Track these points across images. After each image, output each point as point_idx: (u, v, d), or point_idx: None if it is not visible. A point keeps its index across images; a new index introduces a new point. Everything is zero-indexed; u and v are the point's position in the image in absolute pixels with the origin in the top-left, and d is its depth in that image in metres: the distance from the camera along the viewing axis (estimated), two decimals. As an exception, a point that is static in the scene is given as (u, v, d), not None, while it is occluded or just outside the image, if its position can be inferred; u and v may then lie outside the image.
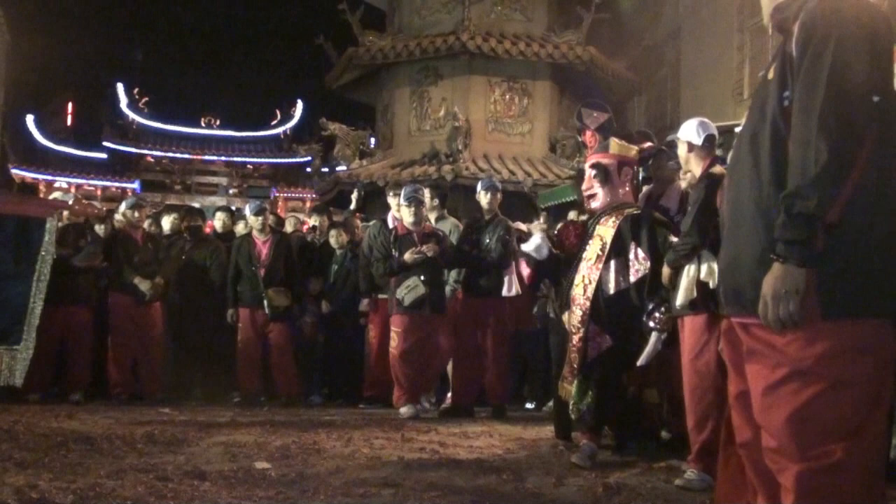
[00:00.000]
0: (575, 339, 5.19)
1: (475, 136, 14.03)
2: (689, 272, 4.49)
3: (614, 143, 5.45)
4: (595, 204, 5.37)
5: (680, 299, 4.55)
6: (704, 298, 4.41)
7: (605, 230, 5.21)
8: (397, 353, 7.51)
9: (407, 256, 7.43)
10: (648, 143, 5.70)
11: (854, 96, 2.23)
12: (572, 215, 7.46)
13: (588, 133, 5.68)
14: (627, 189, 5.41)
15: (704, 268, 4.41)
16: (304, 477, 4.38)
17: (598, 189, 5.33)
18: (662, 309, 4.95)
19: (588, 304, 5.11)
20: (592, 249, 5.23)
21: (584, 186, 5.48)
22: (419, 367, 7.54)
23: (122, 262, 8.43)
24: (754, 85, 12.55)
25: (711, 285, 4.30)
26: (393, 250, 7.60)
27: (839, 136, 2.20)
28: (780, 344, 2.30)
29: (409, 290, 7.41)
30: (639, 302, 5.04)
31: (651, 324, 4.96)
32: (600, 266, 5.14)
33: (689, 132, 4.76)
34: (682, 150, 4.82)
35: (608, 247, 5.15)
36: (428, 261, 7.45)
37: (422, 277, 7.41)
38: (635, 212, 5.29)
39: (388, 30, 15.48)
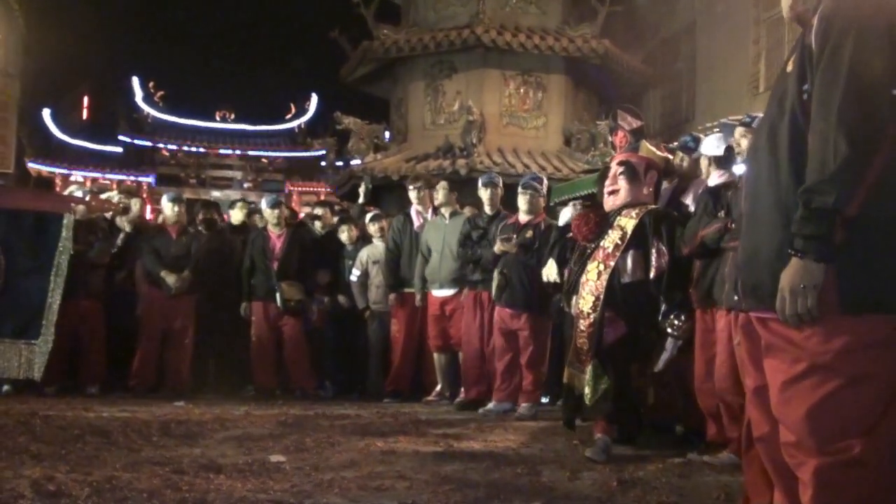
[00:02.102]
0: (583, 324, 5.16)
1: (489, 130, 14.02)
2: None
3: (645, 147, 5.46)
4: (616, 201, 5.33)
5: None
6: None
7: (628, 221, 5.19)
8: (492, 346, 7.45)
9: (496, 247, 7.30)
10: (673, 160, 5.77)
11: (874, 90, 2.20)
12: (574, 208, 7.29)
13: (620, 134, 5.65)
14: (649, 193, 5.38)
15: None
16: (319, 470, 4.40)
17: (622, 185, 5.30)
18: (683, 317, 4.94)
19: (603, 289, 5.08)
20: (611, 238, 5.20)
21: (607, 183, 5.45)
22: (504, 363, 7.31)
23: (153, 255, 8.52)
24: (770, 78, 12.49)
25: None
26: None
27: (858, 131, 2.17)
28: (799, 339, 2.28)
29: (494, 281, 7.32)
30: (657, 294, 5.04)
31: (669, 330, 4.95)
32: (618, 254, 5.12)
33: None
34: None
35: (629, 236, 5.13)
36: (509, 254, 7.21)
37: (501, 270, 7.23)
38: (659, 208, 5.31)
39: (403, 23, 15.45)
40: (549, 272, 6.66)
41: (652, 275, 5.06)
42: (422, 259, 8.25)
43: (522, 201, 7.40)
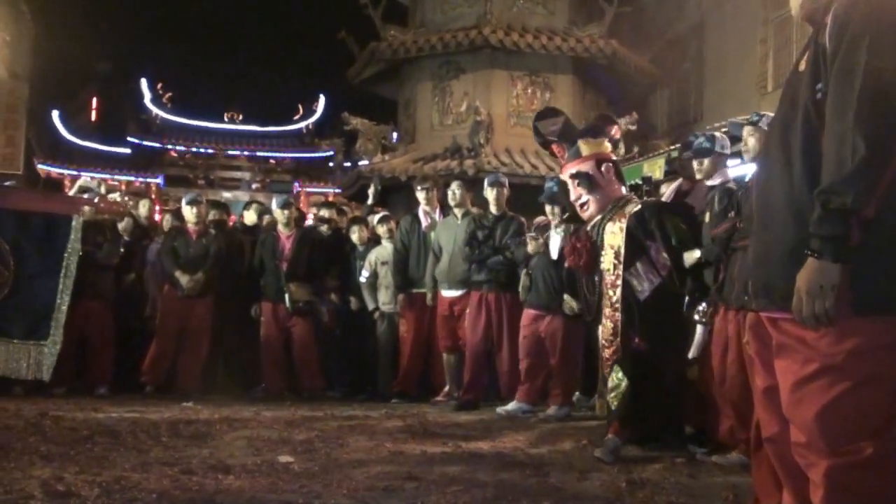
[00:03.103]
0: (607, 352, 5.12)
1: (497, 131, 14.00)
2: None
3: (583, 145, 5.27)
4: (589, 211, 5.24)
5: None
6: None
7: (614, 238, 5.09)
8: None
9: (529, 247, 7.25)
10: (615, 127, 5.59)
11: (891, 89, 2.17)
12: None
13: (553, 146, 5.50)
14: (616, 185, 5.25)
15: None
16: (328, 470, 4.40)
17: (586, 197, 5.19)
18: (704, 304, 4.94)
19: (618, 315, 5.03)
20: (608, 260, 5.11)
21: (572, 198, 5.33)
22: (528, 363, 7.29)
23: (171, 255, 8.59)
24: (778, 78, 12.46)
25: None
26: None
27: (876, 130, 2.15)
28: (811, 339, 2.27)
29: (520, 281, 7.35)
30: (677, 290, 5.03)
31: (696, 317, 4.94)
32: (619, 274, 5.04)
33: None
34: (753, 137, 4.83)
35: (623, 255, 5.03)
36: (537, 255, 7.20)
37: (527, 270, 7.26)
38: (636, 207, 5.15)
39: (410, 24, 15.46)
40: (571, 305, 6.67)
41: (663, 274, 5.02)
42: (433, 258, 8.25)
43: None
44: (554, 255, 6.90)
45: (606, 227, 5.15)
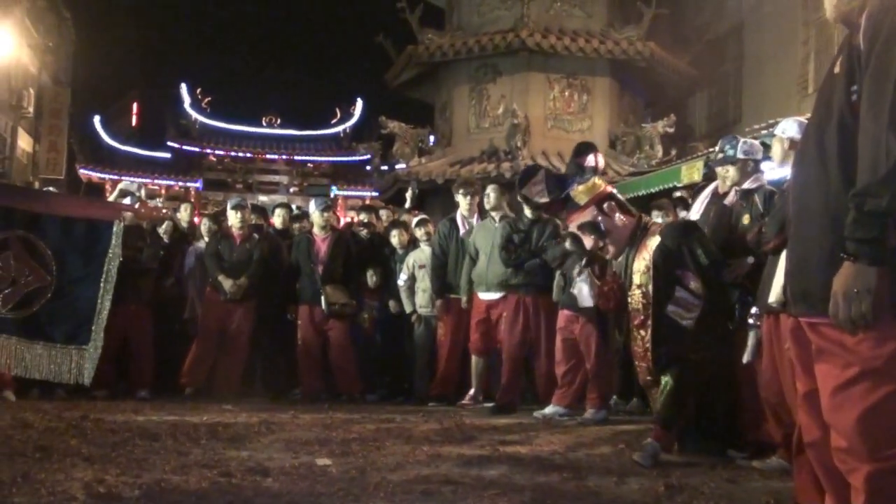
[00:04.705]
0: (654, 391, 5.14)
1: (534, 133, 13.97)
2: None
3: (577, 195, 5.24)
4: (612, 252, 5.25)
5: (773, 296, 4.47)
6: None
7: (641, 276, 5.03)
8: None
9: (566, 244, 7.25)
10: (591, 155, 5.53)
11: None
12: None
13: (554, 207, 5.51)
14: (625, 217, 5.18)
15: None
16: (365, 473, 4.41)
17: (601, 242, 5.20)
18: (755, 307, 4.91)
19: (649, 355, 5.03)
20: (635, 300, 5.07)
21: (588, 247, 5.35)
22: (565, 367, 7.26)
23: (214, 258, 8.67)
24: (819, 80, 12.29)
25: None
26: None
27: None
28: (851, 343, 2.24)
29: (555, 281, 7.36)
30: (725, 302, 5.04)
31: (750, 321, 4.91)
32: (650, 314, 4.99)
33: (791, 128, 4.81)
34: (779, 148, 4.85)
35: (651, 294, 4.97)
36: (573, 255, 7.05)
37: (562, 271, 7.22)
38: (657, 240, 5.05)
39: (447, 27, 15.47)
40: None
41: (703, 298, 4.95)
42: (469, 261, 8.23)
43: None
44: (584, 302, 6.84)
45: (633, 266, 5.12)
